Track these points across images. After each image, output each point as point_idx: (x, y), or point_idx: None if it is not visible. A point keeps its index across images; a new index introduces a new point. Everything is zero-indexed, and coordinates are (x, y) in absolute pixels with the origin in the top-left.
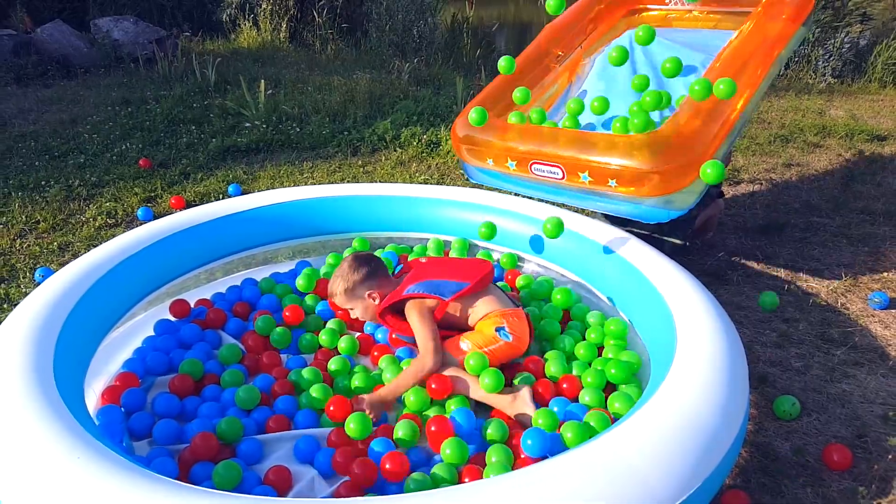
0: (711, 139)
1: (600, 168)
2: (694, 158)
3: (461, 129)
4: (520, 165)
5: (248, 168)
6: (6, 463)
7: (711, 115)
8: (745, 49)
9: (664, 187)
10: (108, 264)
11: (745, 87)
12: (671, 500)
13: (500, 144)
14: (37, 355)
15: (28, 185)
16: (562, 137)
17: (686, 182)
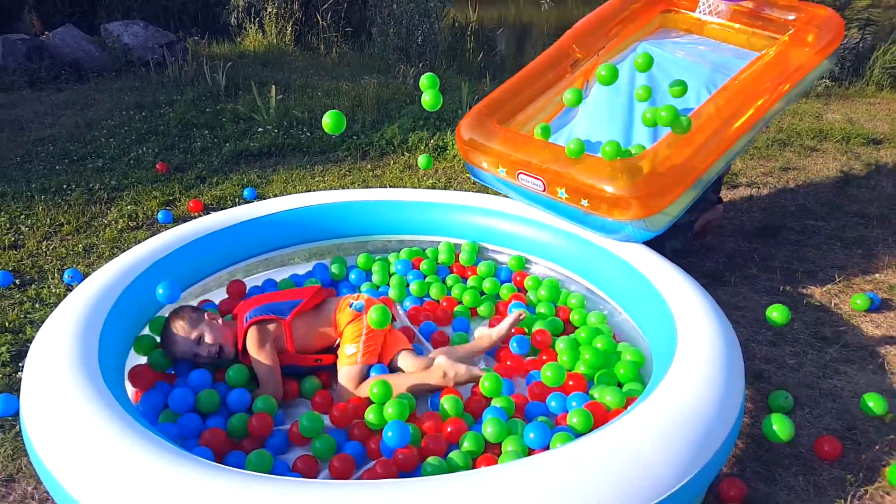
0: (690, 170)
1: (575, 186)
2: (666, 187)
3: (465, 132)
4: (509, 172)
5: (262, 172)
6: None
7: (693, 148)
8: (759, 78)
9: (634, 212)
10: (140, 266)
11: (748, 118)
12: (672, 483)
13: (493, 150)
14: (84, 350)
15: (50, 188)
16: (544, 151)
17: (657, 209)
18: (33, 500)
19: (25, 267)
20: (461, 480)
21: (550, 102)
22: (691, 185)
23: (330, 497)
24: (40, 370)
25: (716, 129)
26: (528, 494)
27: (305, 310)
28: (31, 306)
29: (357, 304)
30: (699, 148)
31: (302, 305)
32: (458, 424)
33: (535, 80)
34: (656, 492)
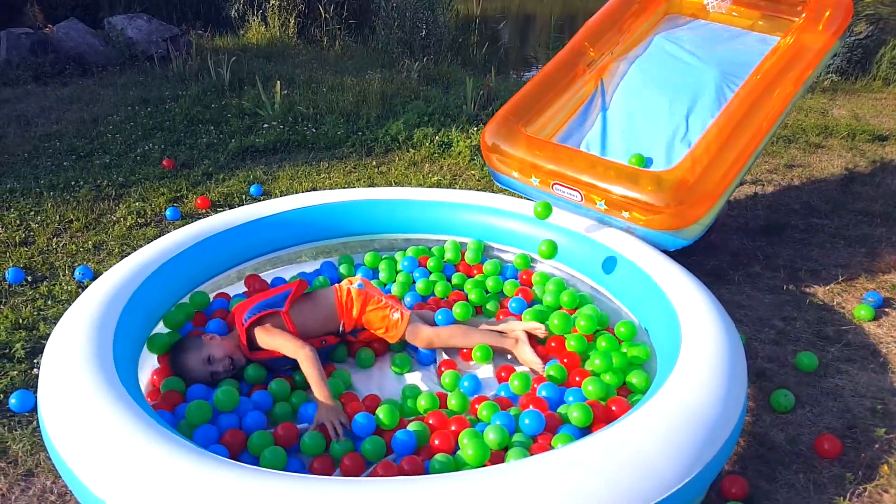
0: (724, 174)
1: (615, 199)
2: (706, 196)
3: (490, 138)
4: (542, 183)
5: (268, 168)
6: (90, 452)
7: (726, 151)
8: (782, 69)
9: (674, 222)
10: (152, 266)
11: (772, 111)
12: (676, 481)
13: (524, 160)
14: (99, 348)
15: (58, 184)
16: (582, 163)
17: (696, 218)
18: (52, 495)
19: (37, 264)
20: (465, 480)
21: (566, 105)
22: (726, 190)
23: (340, 494)
24: (56, 368)
25: (743, 129)
26: (529, 494)
27: (297, 297)
28: (44, 303)
29: (358, 285)
30: (730, 152)
31: (293, 294)
32: (463, 423)
33: (553, 82)
34: (658, 491)
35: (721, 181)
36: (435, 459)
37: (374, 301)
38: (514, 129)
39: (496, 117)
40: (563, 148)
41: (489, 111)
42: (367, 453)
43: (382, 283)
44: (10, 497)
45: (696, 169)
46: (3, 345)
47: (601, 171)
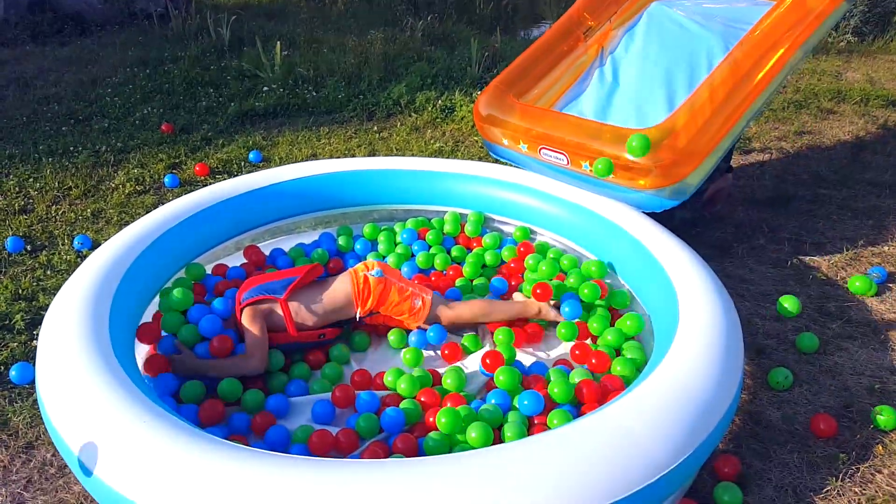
0: (713, 133)
1: (598, 159)
2: (692, 153)
3: (483, 108)
4: (531, 148)
5: (267, 133)
6: (84, 428)
7: (716, 110)
8: (776, 29)
9: (660, 180)
10: (150, 237)
11: (767, 73)
12: (666, 463)
13: (514, 126)
14: (95, 324)
15: (57, 150)
16: (568, 125)
17: (682, 177)
18: (52, 467)
19: (36, 232)
20: (455, 462)
21: (565, 73)
22: (714, 149)
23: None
24: (53, 345)
25: (735, 89)
26: (519, 475)
27: (301, 286)
28: (43, 273)
29: (376, 271)
30: (720, 111)
31: (296, 283)
32: (458, 400)
33: (548, 51)
34: (648, 473)
35: (709, 140)
36: (429, 437)
37: (394, 290)
38: (506, 99)
39: (489, 88)
40: (550, 112)
41: (494, 73)
42: (361, 430)
43: (381, 256)
44: (11, 469)
45: (683, 127)
46: (3, 316)
47: (586, 132)
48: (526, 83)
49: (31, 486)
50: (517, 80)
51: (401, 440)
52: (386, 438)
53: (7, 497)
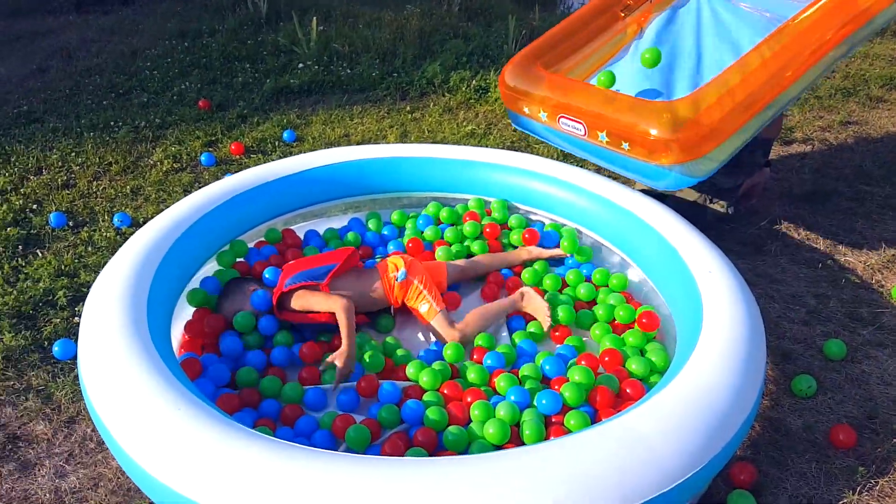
0: (738, 114)
1: (616, 130)
2: (714, 130)
3: (509, 78)
4: (550, 117)
5: (301, 111)
6: (120, 410)
7: (742, 90)
8: (818, 21)
9: (677, 156)
10: (186, 222)
11: (803, 64)
12: (680, 474)
13: (535, 94)
14: (133, 311)
15: (98, 124)
16: (588, 93)
17: (701, 153)
18: (92, 442)
19: (78, 208)
20: (467, 463)
21: (599, 50)
22: (736, 131)
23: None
24: (93, 329)
25: (767, 74)
26: (530, 479)
27: (340, 273)
28: (85, 250)
29: (401, 275)
30: (747, 93)
31: (336, 269)
32: (478, 394)
33: (583, 26)
34: (662, 483)
35: (734, 119)
36: (448, 431)
37: (413, 289)
38: (532, 68)
39: (516, 57)
40: (571, 80)
41: None
42: (382, 421)
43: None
44: (54, 442)
45: (707, 102)
46: (46, 292)
47: (605, 101)
48: (556, 55)
49: (72, 459)
50: (546, 52)
51: (421, 433)
52: (407, 430)
53: (50, 469)
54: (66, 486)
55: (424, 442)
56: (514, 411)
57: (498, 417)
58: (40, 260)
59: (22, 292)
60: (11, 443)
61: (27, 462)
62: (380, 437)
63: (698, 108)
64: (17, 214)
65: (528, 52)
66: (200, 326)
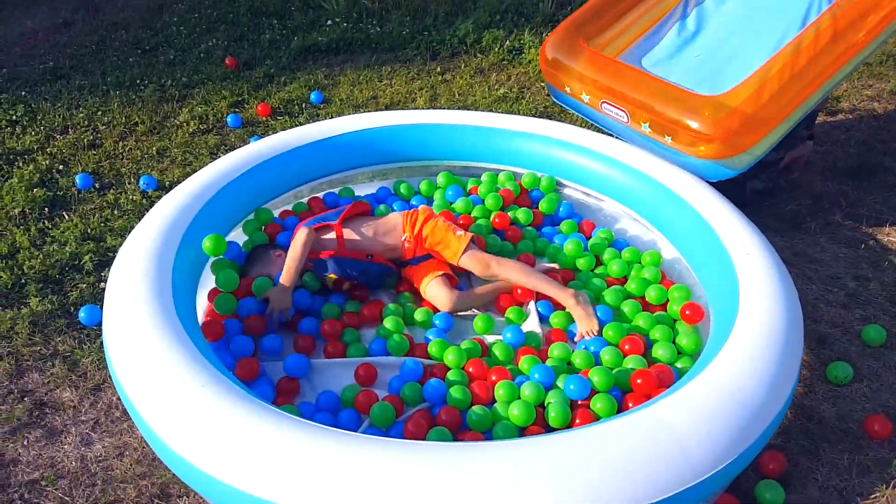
0: (784, 104)
1: (661, 121)
2: (758, 123)
3: (550, 51)
4: (593, 100)
5: (329, 71)
6: (143, 381)
7: (790, 78)
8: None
9: (721, 150)
10: (214, 187)
11: (852, 47)
12: (709, 467)
13: (579, 74)
14: (158, 280)
15: (124, 82)
16: (634, 80)
17: (745, 147)
18: (117, 410)
19: (104, 169)
20: (493, 449)
21: (642, 18)
22: (780, 122)
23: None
24: (118, 299)
25: (817, 57)
26: (554, 468)
27: (354, 215)
28: (111, 213)
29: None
30: (796, 80)
31: (348, 210)
32: (503, 374)
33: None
34: (689, 477)
35: (780, 110)
36: (472, 411)
37: (440, 219)
38: (575, 43)
39: (558, 29)
40: (618, 63)
41: (567, 10)
42: (405, 398)
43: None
44: (80, 409)
45: (752, 95)
46: (73, 255)
47: (651, 90)
48: (598, 25)
49: (98, 427)
50: (589, 22)
51: (445, 412)
52: (430, 408)
53: (76, 437)
54: (92, 454)
55: (448, 421)
56: (539, 392)
57: (523, 399)
58: (66, 223)
59: (48, 256)
60: (38, 409)
61: (54, 429)
62: (402, 413)
63: (743, 104)
64: (43, 175)
65: (569, 25)
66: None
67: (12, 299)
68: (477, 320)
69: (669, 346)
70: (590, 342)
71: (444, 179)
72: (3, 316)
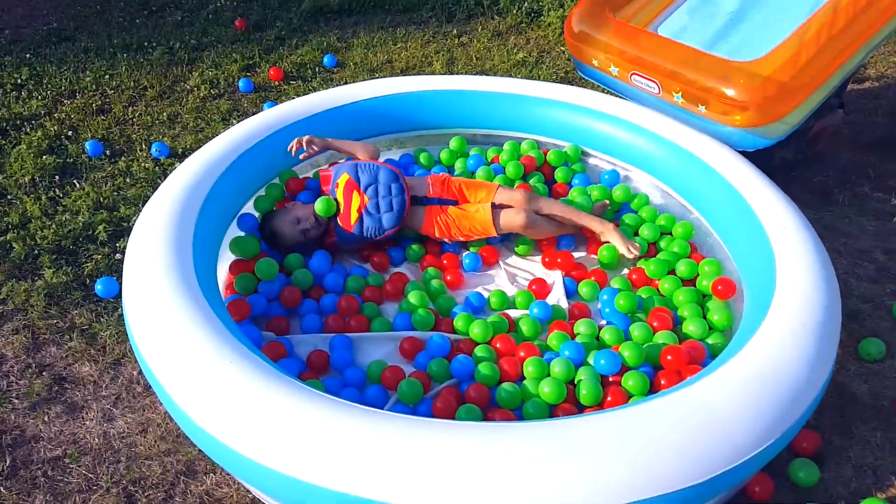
0: (820, 70)
1: (694, 91)
2: (794, 91)
3: (576, 24)
4: (622, 72)
5: (341, 33)
6: (166, 355)
7: (826, 43)
8: None
9: (756, 119)
10: (232, 154)
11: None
12: (749, 449)
13: (606, 46)
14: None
15: (132, 45)
16: (664, 50)
17: (780, 116)
18: (138, 385)
19: (114, 135)
20: (531, 430)
21: None
22: (819, 87)
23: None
24: (138, 272)
25: (854, 19)
26: (592, 450)
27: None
28: (123, 181)
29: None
30: (832, 44)
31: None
32: (531, 350)
33: None
34: (730, 458)
35: (815, 77)
36: (502, 388)
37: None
38: (602, 14)
39: (583, 1)
40: (646, 33)
41: None
42: (432, 374)
43: None
44: (100, 384)
45: (784, 62)
46: (86, 226)
47: (683, 59)
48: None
49: (119, 403)
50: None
51: (473, 389)
52: (458, 384)
53: (98, 412)
54: (115, 430)
55: (477, 398)
56: (570, 368)
57: (553, 376)
58: (78, 191)
59: (61, 226)
60: (58, 384)
61: (74, 405)
62: (430, 389)
63: (780, 69)
64: (52, 141)
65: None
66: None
67: (26, 271)
68: (491, 296)
69: (700, 322)
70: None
71: (457, 144)
72: (18, 288)
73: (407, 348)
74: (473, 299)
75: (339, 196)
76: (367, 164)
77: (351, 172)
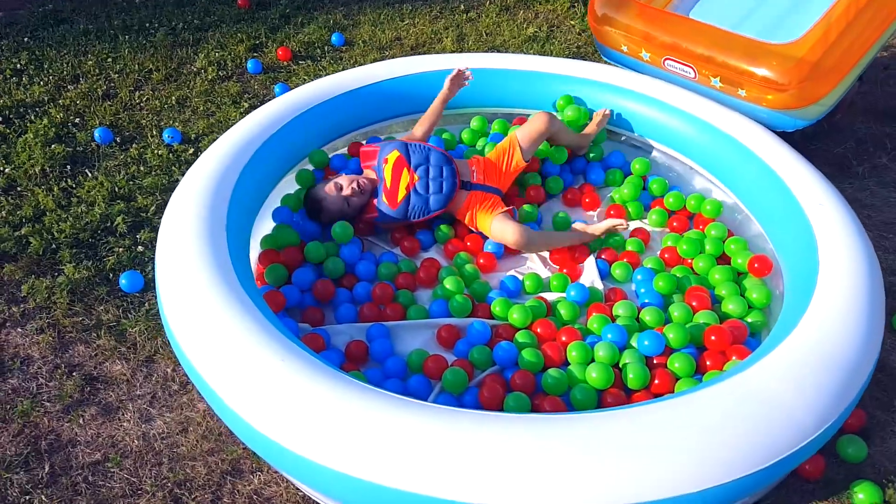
0: (856, 48)
1: (732, 75)
2: (831, 72)
3: (599, 8)
4: (654, 57)
5: (348, 10)
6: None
7: (858, 23)
8: None
9: (796, 101)
10: (258, 140)
11: None
12: (812, 430)
13: (636, 30)
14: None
15: (133, 26)
16: (697, 33)
17: (819, 97)
18: (174, 383)
19: (122, 122)
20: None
21: None
22: (856, 64)
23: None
24: (172, 266)
25: (877, 1)
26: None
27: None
28: (137, 169)
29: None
30: (866, 21)
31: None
32: (573, 334)
33: None
34: (795, 440)
35: (851, 55)
36: (548, 374)
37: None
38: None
39: None
40: (678, 17)
41: None
42: (474, 361)
43: None
44: (134, 383)
45: (823, 42)
46: (104, 217)
47: (719, 44)
48: None
49: (156, 402)
50: None
51: (518, 376)
52: (501, 371)
53: (135, 413)
54: (154, 431)
55: (523, 385)
56: (614, 352)
57: (598, 360)
58: (91, 181)
59: (78, 218)
60: (89, 384)
61: (109, 405)
62: (472, 378)
63: (816, 50)
64: (58, 129)
65: None
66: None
67: (45, 266)
68: (525, 279)
69: (740, 300)
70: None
71: (477, 123)
72: (39, 285)
73: (444, 336)
74: (509, 283)
75: (386, 172)
76: (417, 145)
77: (402, 150)
